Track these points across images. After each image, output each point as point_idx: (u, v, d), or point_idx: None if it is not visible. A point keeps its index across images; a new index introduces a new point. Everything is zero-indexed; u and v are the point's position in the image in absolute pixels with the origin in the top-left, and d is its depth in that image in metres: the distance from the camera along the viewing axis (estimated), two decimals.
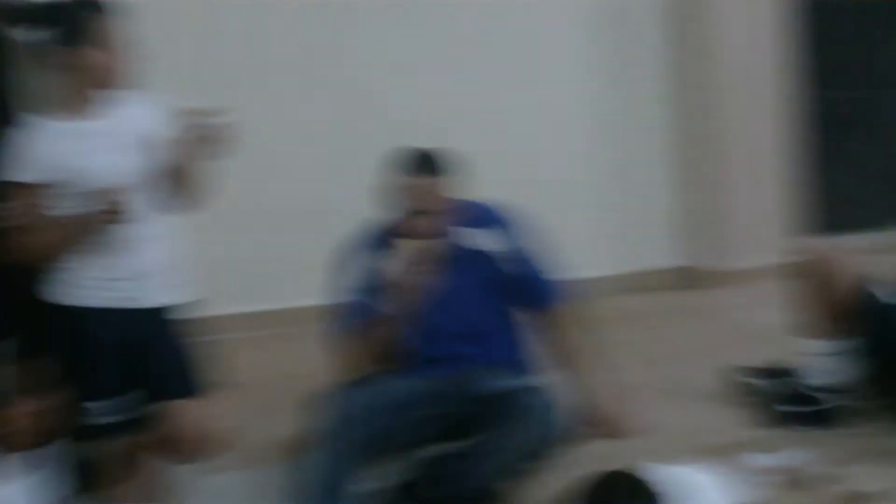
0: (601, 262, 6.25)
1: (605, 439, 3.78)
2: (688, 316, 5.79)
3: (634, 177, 6.52)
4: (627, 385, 3.94)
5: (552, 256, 3.83)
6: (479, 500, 3.46)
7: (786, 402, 4.06)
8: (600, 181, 6.44)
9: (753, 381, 4.26)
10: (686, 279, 6.49)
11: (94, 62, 3.26)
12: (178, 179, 3.36)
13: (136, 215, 3.28)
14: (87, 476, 3.52)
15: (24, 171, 3.27)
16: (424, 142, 3.70)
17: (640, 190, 6.54)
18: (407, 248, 3.50)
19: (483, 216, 3.75)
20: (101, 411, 3.37)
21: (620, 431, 3.85)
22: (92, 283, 3.35)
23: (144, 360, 3.41)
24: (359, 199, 3.76)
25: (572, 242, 4.31)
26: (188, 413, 3.42)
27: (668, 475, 3.10)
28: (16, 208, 3.29)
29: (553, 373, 3.76)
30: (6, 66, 3.71)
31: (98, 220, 3.25)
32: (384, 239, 3.70)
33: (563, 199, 6.00)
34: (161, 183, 3.37)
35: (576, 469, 3.17)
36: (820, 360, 4.10)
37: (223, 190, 3.63)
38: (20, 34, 3.31)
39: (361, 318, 3.63)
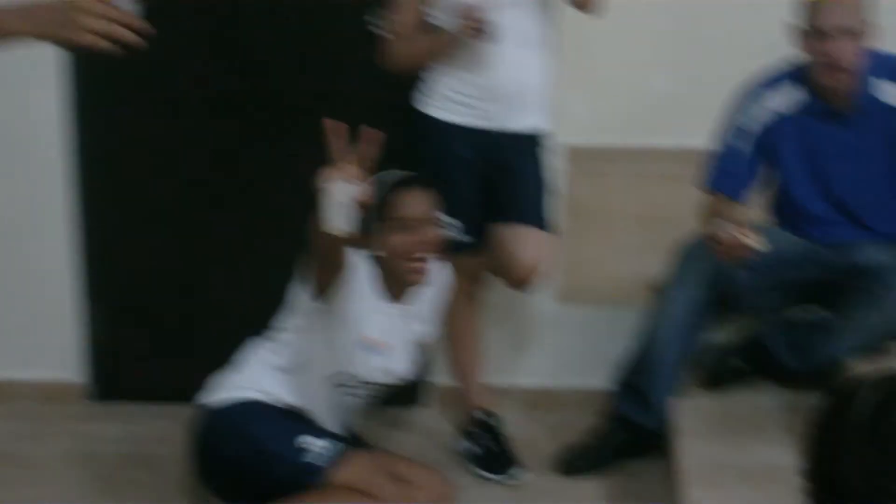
0: None
1: None
2: None
3: None
4: None
5: None
6: (828, 372, 3.37)
7: None
8: None
9: None
10: None
11: None
12: None
13: (506, 34, 3.26)
14: None
15: None
16: None
17: None
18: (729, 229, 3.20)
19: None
20: (450, 226, 3.35)
21: None
22: (457, 98, 3.40)
23: (500, 182, 3.47)
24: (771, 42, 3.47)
25: None
26: (532, 241, 3.45)
27: None
28: (395, 17, 3.39)
29: None
30: None
31: (463, 36, 3.26)
32: (787, 79, 3.46)
33: None
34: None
35: None
36: None
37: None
38: None
39: (735, 176, 3.48)
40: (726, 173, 3.50)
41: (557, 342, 4.02)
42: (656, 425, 3.49)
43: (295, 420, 3.03)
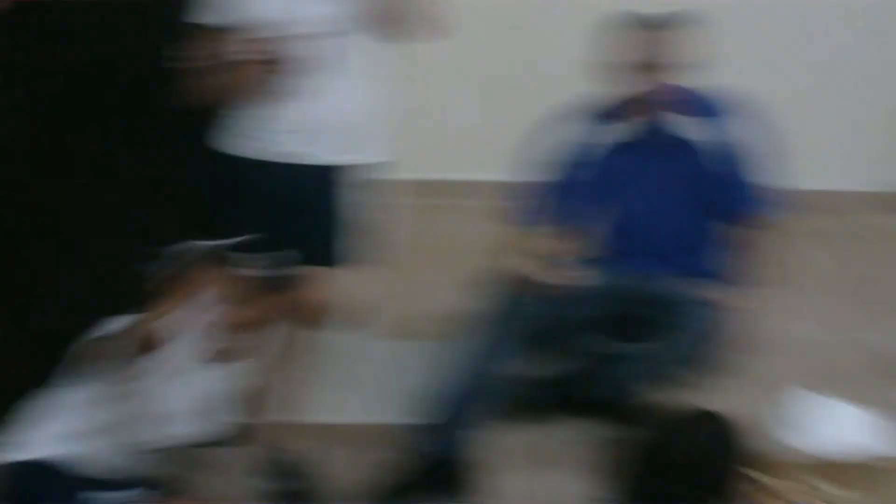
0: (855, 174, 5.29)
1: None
2: None
3: None
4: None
5: (773, 159, 3.50)
6: (621, 405, 3.43)
7: None
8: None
9: None
10: None
11: None
12: (387, 22, 3.29)
13: (311, 66, 3.22)
14: None
15: (209, 14, 3.28)
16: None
17: None
18: None
19: (703, 105, 3.51)
20: (246, 263, 3.25)
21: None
22: (259, 133, 3.33)
23: (299, 218, 3.39)
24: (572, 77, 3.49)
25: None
26: (328, 281, 3.42)
27: (805, 402, 3.01)
28: (198, 51, 3.26)
29: (736, 286, 3.55)
30: None
31: (263, 69, 3.22)
32: (596, 115, 3.56)
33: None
34: (365, 27, 3.30)
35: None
36: None
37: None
38: None
39: (546, 209, 3.54)
40: (537, 207, 3.58)
41: (373, 378, 4.00)
42: (461, 460, 3.50)
43: (91, 475, 2.98)
